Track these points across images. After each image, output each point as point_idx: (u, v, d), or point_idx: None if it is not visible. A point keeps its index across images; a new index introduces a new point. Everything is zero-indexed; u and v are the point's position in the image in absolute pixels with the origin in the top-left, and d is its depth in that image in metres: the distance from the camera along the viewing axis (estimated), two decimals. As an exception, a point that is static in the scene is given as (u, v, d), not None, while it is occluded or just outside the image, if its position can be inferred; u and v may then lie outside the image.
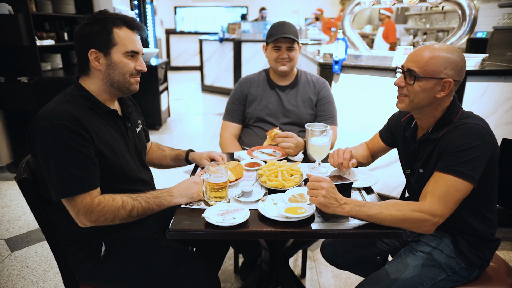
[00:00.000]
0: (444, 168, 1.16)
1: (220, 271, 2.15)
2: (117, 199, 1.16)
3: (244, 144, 2.00)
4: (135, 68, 1.28)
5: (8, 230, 2.57)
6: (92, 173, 1.15)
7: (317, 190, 1.12)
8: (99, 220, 1.14)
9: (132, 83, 1.29)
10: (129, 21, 1.25)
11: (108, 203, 1.14)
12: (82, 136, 1.13)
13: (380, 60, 2.66)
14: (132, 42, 1.25)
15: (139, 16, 6.15)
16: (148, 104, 4.86)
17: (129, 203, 1.17)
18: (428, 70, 1.19)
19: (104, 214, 1.14)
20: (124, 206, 1.16)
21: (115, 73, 1.24)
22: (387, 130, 1.57)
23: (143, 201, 1.19)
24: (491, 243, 1.31)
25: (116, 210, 1.15)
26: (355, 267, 1.61)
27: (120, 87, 1.27)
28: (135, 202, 1.18)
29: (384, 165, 2.69)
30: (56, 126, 1.10)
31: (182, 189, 1.24)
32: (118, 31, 1.22)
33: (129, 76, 1.27)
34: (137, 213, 1.18)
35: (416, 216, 1.11)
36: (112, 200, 1.15)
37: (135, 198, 1.19)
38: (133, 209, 1.17)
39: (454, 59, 1.19)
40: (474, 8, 2.40)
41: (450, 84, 1.19)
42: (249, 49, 7.02)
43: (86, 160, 1.13)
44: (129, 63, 1.25)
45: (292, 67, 1.91)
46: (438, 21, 7.21)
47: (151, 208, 1.20)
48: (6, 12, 3.09)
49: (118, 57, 1.23)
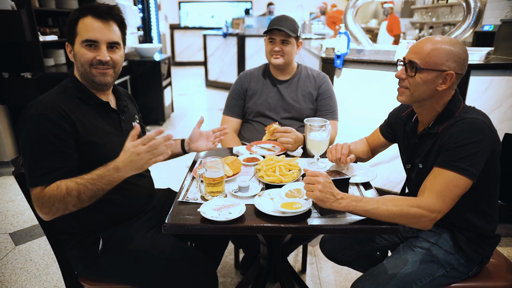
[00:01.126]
0: (443, 164, 1.15)
1: (220, 266, 2.16)
2: (61, 187, 1.10)
3: (243, 139, 2.00)
4: (95, 58, 1.21)
5: (13, 224, 2.60)
6: (60, 167, 1.12)
7: (313, 184, 1.11)
8: (52, 211, 1.11)
9: (94, 75, 1.22)
10: (95, 9, 1.20)
11: (53, 192, 1.09)
12: (63, 129, 1.13)
13: (383, 54, 2.63)
14: (89, 31, 1.18)
15: (142, 11, 6.13)
16: (151, 99, 4.87)
17: (74, 189, 1.09)
18: (429, 62, 1.17)
19: (53, 205, 1.09)
20: (69, 192, 1.09)
21: (77, 64, 1.23)
22: (388, 125, 1.56)
23: (89, 183, 1.10)
24: (491, 239, 1.29)
25: (63, 198, 1.09)
26: (354, 263, 1.61)
27: (86, 78, 1.24)
28: (80, 186, 1.10)
29: (386, 160, 2.67)
30: (38, 116, 1.11)
31: (129, 163, 1.09)
32: (82, 20, 1.19)
33: (89, 67, 1.21)
34: (87, 196, 1.11)
35: (414, 211, 1.10)
36: (56, 189, 1.10)
37: (79, 182, 1.10)
38: (80, 194, 1.10)
39: (457, 51, 1.17)
40: (479, 1, 2.36)
41: (452, 77, 1.17)
42: (253, 44, 6.99)
43: (58, 154, 1.12)
44: (86, 53, 1.20)
45: (286, 61, 1.89)
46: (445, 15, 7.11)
47: (100, 189, 1.11)
48: (9, 8, 3.10)
49: (77, 47, 1.21)
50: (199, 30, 10.75)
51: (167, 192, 1.61)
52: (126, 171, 1.11)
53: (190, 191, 1.31)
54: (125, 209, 1.34)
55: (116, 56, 1.26)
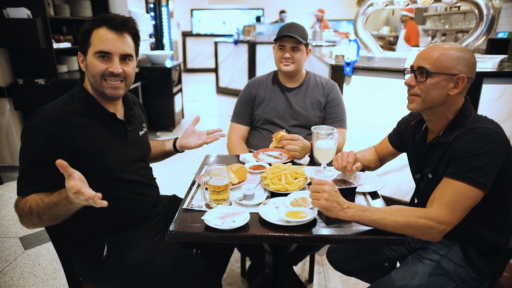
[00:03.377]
0: (453, 174, 1.12)
1: (226, 274, 2.14)
2: (27, 204, 1.09)
3: (251, 146, 1.99)
4: (107, 70, 1.19)
5: (23, 228, 2.63)
6: (45, 182, 1.12)
7: (319, 193, 1.09)
8: (24, 223, 1.11)
9: (104, 87, 1.21)
10: (110, 20, 1.19)
11: (21, 206, 1.10)
12: (56, 144, 1.13)
13: (393, 62, 2.60)
14: (103, 42, 1.17)
15: (155, 18, 6.23)
16: (162, 106, 4.91)
17: (34, 209, 1.07)
18: (440, 66, 1.15)
19: (23, 218, 1.10)
20: (31, 211, 1.08)
21: (89, 75, 1.22)
22: (396, 134, 1.53)
23: (47, 207, 1.06)
24: (503, 252, 1.25)
25: (26, 215, 1.09)
26: (361, 274, 1.57)
27: (96, 89, 1.23)
28: (38, 208, 1.07)
29: (397, 169, 2.63)
30: (35, 128, 1.12)
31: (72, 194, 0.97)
32: (96, 31, 1.19)
33: (100, 79, 1.20)
34: (48, 218, 1.08)
35: (422, 223, 1.07)
36: (24, 203, 1.10)
37: (40, 204, 1.07)
38: (39, 215, 1.07)
39: (465, 55, 1.16)
40: (492, 8, 2.32)
41: (464, 81, 1.15)
42: (263, 51, 7.02)
43: (46, 169, 1.11)
44: (98, 65, 1.18)
45: (296, 69, 1.88)
46: (458, 22, 7.02)
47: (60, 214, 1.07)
48: (25, 16, 3.18)
49: (90, 58, 1.20)
50: (210, 37, 10.84)
51: (172, 199, 1.61)
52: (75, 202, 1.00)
53: (195, 199, 1.30)
54: (129, 218, 1.33)
55: (129, 68, 1.24)
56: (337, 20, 10.72)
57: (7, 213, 2.82)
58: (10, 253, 2.33)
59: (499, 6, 5.38)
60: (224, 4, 11.47)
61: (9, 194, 3.14)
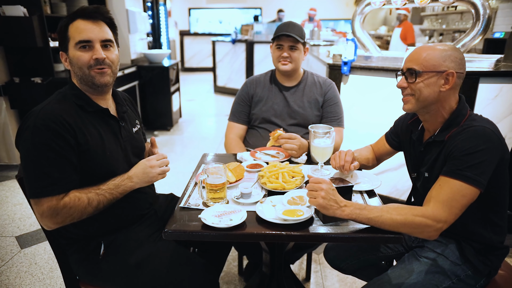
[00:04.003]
0: (449, 172, 1.12)
1: (224, 273, 2.14)
2: (83, 199, 1.15)
3: (249, 145, 1.99)
4: (92, 58, 1.19)
5: (19, 227, 2.62)
6: (66, 176, 1.14)
7: (316, 191, 1.10)
8: (65, 221, 1.15)
9: (93, 76, 1.21)
10: (82, 11, 1.19)
11: (74, 204, 1.14)
12: (64, 139, 1.13)
13: (391, 61, 2.61)
14: (80, 32, 1.17)
15: (152, 17, 6.21)
16: (159, 105, 4.90)
17: (95, 200, 1.17)
18: (427, 65, 1.18)
19: (71, 215, 1.14)
20: (90, 203, 1.16)
21: (75, 69, 1.22)
22: (393, 133, 1.54)
23: (107, 193, 1.20)
24: (499, 250, 1.26)
25: (83, 209, 1.15)
26: (358, 272, 1.58)
27: (85, 82, 1.23)
28: (100, 197, 1.18)
29: (394, 168, 2.63)
30: (39, 126, 1.11)
31: (141, 175, 1.26)
32: (72, 25, 1.18)
33: (87, 69, 1.20)
34: (103, 205, 1.20)
35: (418, 221, 1.08)
36: (78, 200, 1.15)
37: (99, 193, 1.19)
38: (99, 203, 1.18)
39: (451, 52, 1.18)
40: (488, 8, 2.33)
41: (453, 76, 1.17)
42: (261, 50, 7.02)
43: (63, 163, 1.13)
44: (82, 55, 1.18)
45: (294, 68, 1.89)
46: (455, 22, 7.05)
47: (115, 198, 1.23)
48: (21, 14, 3.16)
49: (72, 52, 1.20)
50: (208, 36, 10.83)
51: (169, 197, 1.61)
52: (137, 182, 1.25)
53: (192, 197, 1.30)
54: (126, 216, 1.33)
55: (112, 55, 1.24)
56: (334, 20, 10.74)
57: (3, 212, 2.81)
58: (6, 252, 2.33)
59: (495, 6, 5.41)
60: (222, 3, 11.46)
61: (5, 193, 3.13)
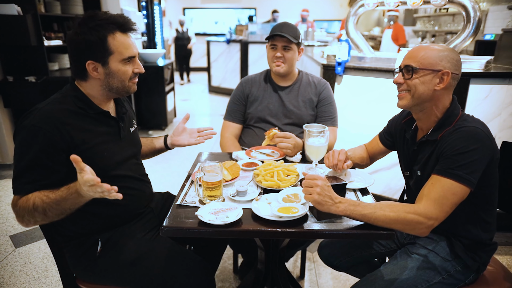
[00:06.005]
0: (441, 171, 1.16)
1: (219, 271, 2.16)
2: (29, 201, 1.11)
3: (244, 144, 2.01)
4: (133, 72, 1.28)
5: (13, 226, 2.61)
6: (42, 180, 1.14)
7: (311, 187, 1.12)
8: (24, 221, 1.14)
9: (130, 86, 1.31)
10: (122, 25, 1.22)
11: (22, 204, 1.12)
12: (54, 144, 1.14)
13: (384, 62, 2.64)
14: (127, 48, 1.23)
15: (147, 17, 6.20)
16: (154, 104, 4.90)
17: (39, 206, 1.10)
18: (424, 63, 1.21)
19: (23, 216, 1.13)
20: (35, 208, 1.11)
21: (114, 81, 1.25)
22: (387, 133, 1.57)
23: (53, 203, 1.10)
24: (488, 246, 1.29)
25: (30, 212, 1.11)
26: (352, 269, 1.61)
27: (119, 91, 1.29)
28: (44, 205, 1.10)
29: (386, 167, 2.67)
30: (32, 127, 1.13)
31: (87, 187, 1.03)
32: (112, 38, 1.19)
33: (128, 81, 1.28)
34: (53, 214, 1.12)
35: (410, 218, 1.10)
36: (25, 202, 1.12)
37: (45, 200, 1.10)
38: (45, 211, 1.10)
39: (448, 53, 1.21)
40: (479, 10, 2.38)
41: (448, 76, 1.20)
42: (256, 51, 7.04)
43: (44, 168, 1.14)
44: (128, 70, 1.26)
45: (288, 69, 1.91)
46: (447, 23, 7.13)
47: (66, 209, 1.12)
48: (15, 13, 3.15)
49: (116, 65, 1.23)
50: (203, 36, 10.82)
51: (165, 195, 1.62)
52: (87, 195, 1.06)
53: (189, 195, 1.32)
54: (123, 213, 1.35)
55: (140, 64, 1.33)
56: (328, 21, 10.80)
57: (-3, 212, 2.80)
58: (1, 251, 2.32)
59: (486, 9, 5.49)
60: (216, 3, 11.45)
61: (-1, 193, 3.12)
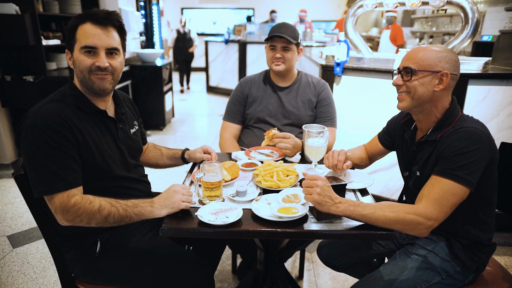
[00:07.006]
0: (441, 172, 1.16)
1: (218, 271, 2.16)
2: (95, 203, 1.13)
3: (243, 144, 2.01)
4: (94, 65, 1.20)
5: (11, 226, 2.60)
6: (71, 171, 1.14)
7: (311, 188, 1.12)
8: (74, 220, 1.13)
9: (93, 81, 1.22)
10: (93, 15, 1.19)
11: (84, 205, 1.12)
12: (64, 136, 1.13)
13: (382, 62, 2.65)
14: (88, 37, 1.18)
15: (145, 17, 6.19)
16: (152, 104, 4.89)
17: (106, 209, 1.13)
18: (423, 64, 1.21)
19: (79, 216, 1.12)
20: (100, 211, 1.13)
21: (77, 71, 1.23)
22: (386, 133, 1.57)
23: (121, 208, 1.15)
24: (486, 247, 1.30)
25: (91, 214, 1.12)
26: (351, 269, 1.61)
27: (85, 85, 1.24)
28: (112, 208, 1.14)
29: (385, 168, 2.68)
30: (38, 125, 1.11)
31: (163, 199, 1.17)
32: (81, 27, 1.19)
33: (88, 73, 1.21)
34: (114, 219, 1.15)
35: (410, 218, 1.11)
36: (89, 203, 1.13)
37: (113, 204, 1.15)
38: (109, 215, 1.14)
39: (447, 54, 1.22)
40: (477, 12, 2.39)
41: (447, 77, 1.20)
42: (254, 51, 7.04)
43: (67, 159, 1.14)
44: (85, 60, 1.19)
45: (287, 68, 1.91)
46: (445, 25, 7.16)
47: (129, 217, 1.16)
48: (13, 12, 3.14)
49: (76, 54, 1.21)
50: (201, 36, 10.81)
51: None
52: (158, 208, 1.16)
53: (188, 195, 1.31)
54: None
55: (115, 62, 1.25)
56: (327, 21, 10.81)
57: (-6, 212, 2.79)
58: (-2, 251, 2.31)
59: (483, 10, 5.52)
60: (214, 3, 11.45)
61: (-4, 193, 3.10)
